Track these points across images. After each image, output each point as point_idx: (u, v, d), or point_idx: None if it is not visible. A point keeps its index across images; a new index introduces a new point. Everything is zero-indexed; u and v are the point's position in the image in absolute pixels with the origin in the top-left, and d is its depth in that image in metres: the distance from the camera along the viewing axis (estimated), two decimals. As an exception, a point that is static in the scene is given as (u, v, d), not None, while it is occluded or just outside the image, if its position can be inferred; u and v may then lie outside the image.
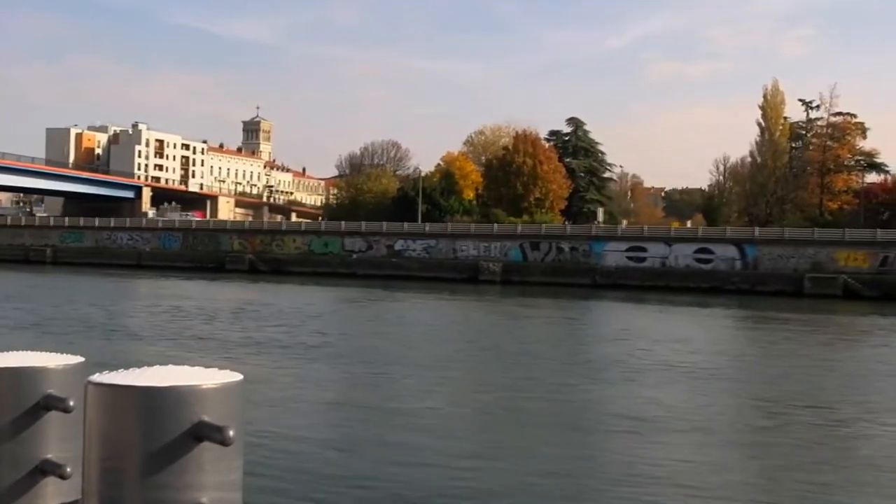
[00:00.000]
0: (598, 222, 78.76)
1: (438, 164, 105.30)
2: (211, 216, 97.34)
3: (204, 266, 69.83)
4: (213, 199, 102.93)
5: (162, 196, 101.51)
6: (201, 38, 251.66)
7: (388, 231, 69.22)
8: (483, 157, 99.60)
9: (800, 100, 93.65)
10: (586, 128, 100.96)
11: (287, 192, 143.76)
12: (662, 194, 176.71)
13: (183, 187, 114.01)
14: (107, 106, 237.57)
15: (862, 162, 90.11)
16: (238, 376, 1.72)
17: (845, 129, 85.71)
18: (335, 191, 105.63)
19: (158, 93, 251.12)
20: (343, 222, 72.27)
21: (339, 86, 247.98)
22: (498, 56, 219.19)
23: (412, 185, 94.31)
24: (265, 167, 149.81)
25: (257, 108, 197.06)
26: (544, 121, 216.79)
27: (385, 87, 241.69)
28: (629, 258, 61.45)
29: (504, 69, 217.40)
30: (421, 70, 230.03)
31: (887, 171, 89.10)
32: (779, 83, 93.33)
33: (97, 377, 1.73)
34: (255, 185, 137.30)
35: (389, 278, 62.82)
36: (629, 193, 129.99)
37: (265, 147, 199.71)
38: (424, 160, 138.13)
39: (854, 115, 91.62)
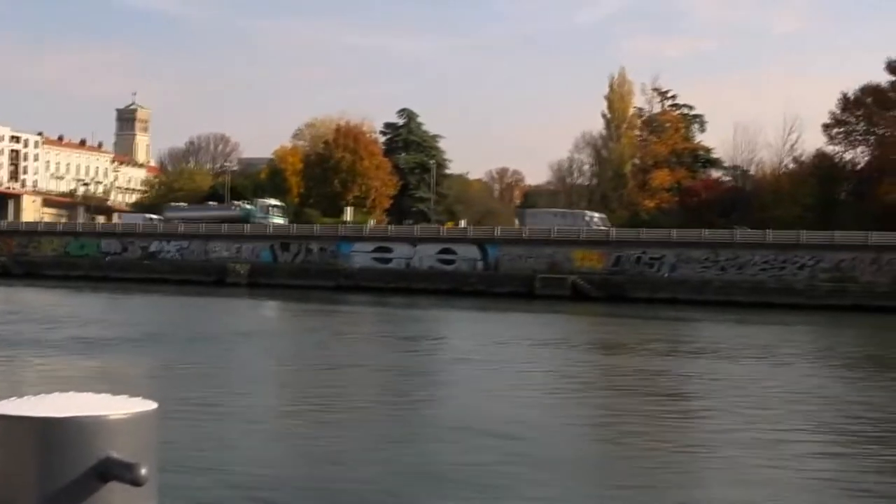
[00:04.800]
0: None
1: (270, 160, 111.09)
2: (14, 217, 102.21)
3: (-43, 270, 75.01)
4: (17, 198, 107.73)
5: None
6: (104, 8, 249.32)
7: (143, 232, 74.82)
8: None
9: (653, 88, 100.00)
10: (420, 120, 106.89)
11: (140, 190, 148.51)
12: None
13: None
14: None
15: (701, 158, 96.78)
16: (152, 405, 1.71)
17: (671, 123, 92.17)
18: (146, 188, 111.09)
19: (51, 71, 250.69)
20: (98, 223, 77.73)
21: (265, 64, 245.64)
22: (451, 30, 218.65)
23: (233, 183, 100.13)
24: (112, 162, 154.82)
25: (133, 94, 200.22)
26: (508, 104, 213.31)
27: (319, 66, 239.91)
28: (375, 259, 67.41)
29: (459, 45, 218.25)
30: (361, 46, 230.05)
31: (725, 168, 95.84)
32: (626, 72, 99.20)
33: None
34: (99, 182, 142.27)
35: (142, 281, 68.43)
36: (507, 191, 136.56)
37: (142, 138, 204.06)
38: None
39: (691, 108, 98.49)
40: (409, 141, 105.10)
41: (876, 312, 53.05)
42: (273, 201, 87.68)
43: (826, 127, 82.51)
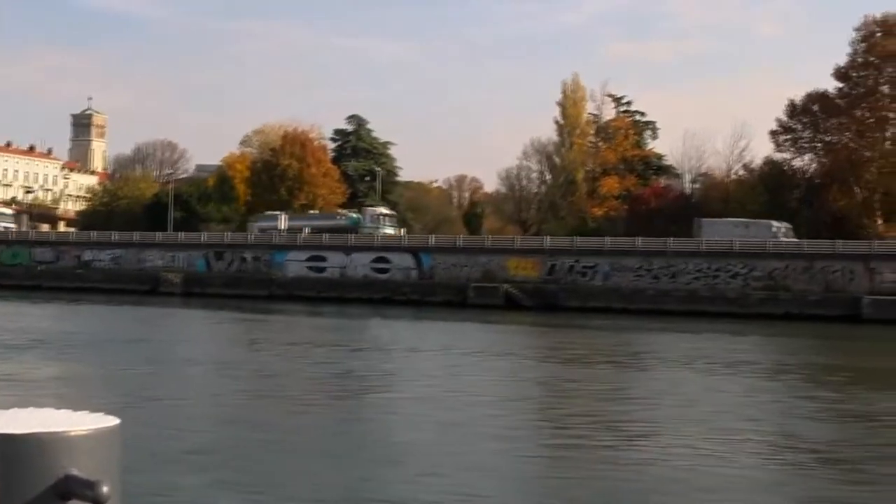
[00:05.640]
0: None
1: (220, 166, 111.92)
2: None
3: None
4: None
5: None
6: (71, 12, 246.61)
7: (76, 240, 75.57)
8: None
9: (608, 94, 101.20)
10: (369, 126, 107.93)
11: (86, 198, 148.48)
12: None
13: None
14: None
15: (655, 165, 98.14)
16: (114, 420, 1.69)
17: (621, 129, 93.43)
18: (89, 195, 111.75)
19: (15, 76, 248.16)
20: (33, 231, 78.42)
21: (237, 67, 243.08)
22: (433, 32, 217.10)
23: (178, 191, 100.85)
24: (62, 168, 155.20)
25: (89, 98, 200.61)
26: (482, 103, 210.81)
27: (284, 70, 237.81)
28: (309, 268, 68.40)
29: (439, 47, 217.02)
30: (340, 47, 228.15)
31: (677, 175, 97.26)
32: (579, 77, 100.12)
33: None
34: (48, 190, 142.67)
35: (76, 290, 69.14)
36: (464, 199, 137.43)
37: (98, 144, 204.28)
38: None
39: (643, 114, 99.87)
40: (358, 148, 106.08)
41: (807, 320, 54.35)
42: (384, 210, 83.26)
43: (773, 134, 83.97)
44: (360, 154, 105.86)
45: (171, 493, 12.39)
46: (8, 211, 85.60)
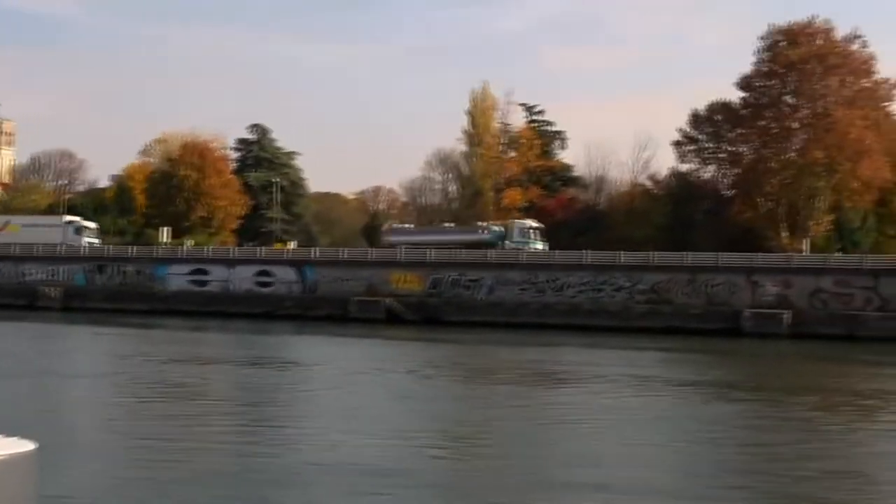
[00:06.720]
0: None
1: (119, 177, 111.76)
2: None
3: None
4: None
5: None
6: None
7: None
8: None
9: (521, 104, 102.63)
10: (273, 136, 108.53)
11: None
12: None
13: None
14: None
15: (562, 176, 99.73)
16: (30, 445, 1.71)
17: (526, 140, 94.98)
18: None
19: None
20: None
21: (153, 73, 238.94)
22: (365, 38, 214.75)
23: (74, 202, 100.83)
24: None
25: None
26: (414, 114, 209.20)
27: (208, 75, 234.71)
28: (192, 282, 68.98)
29: (372, 53, 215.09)
30: (257, 53, 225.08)
31: (585, 187, 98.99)
32: (488, 85, 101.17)
33: None
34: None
35: (-47, 305, 69.02)
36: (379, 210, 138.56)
37: (6, 153, 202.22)
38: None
39: (551, 123, 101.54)
40: (260, 158, 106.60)
41: (690, 334, 55.82)
42: (533, 222, 77.12)
43: (677, 145, 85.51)
44: (262, 164, 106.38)
45: None
46: (92, 225, 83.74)
